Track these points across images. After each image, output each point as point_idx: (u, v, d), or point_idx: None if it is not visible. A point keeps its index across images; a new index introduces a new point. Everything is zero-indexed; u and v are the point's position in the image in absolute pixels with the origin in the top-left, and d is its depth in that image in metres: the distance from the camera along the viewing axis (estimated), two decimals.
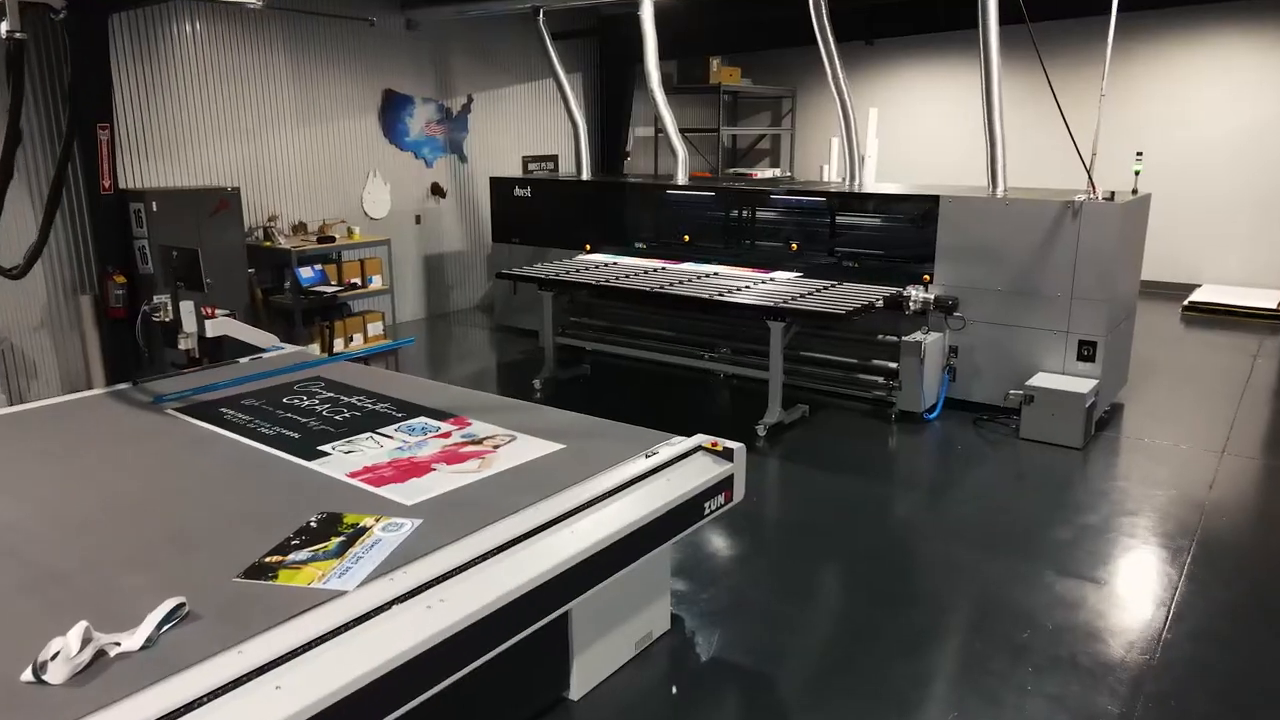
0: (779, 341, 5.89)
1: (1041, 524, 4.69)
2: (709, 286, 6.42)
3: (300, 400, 4.41)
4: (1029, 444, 5.81)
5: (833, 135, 12.40)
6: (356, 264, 8.08)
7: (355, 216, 8.78)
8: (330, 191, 8.59)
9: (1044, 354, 6.04)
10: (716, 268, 7.15)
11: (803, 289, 6.29)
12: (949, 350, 6.36)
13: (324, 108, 8.44)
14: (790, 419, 6.14)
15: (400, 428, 3.99)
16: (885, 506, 5.09)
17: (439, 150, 9.60)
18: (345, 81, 8.58)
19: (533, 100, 10.54)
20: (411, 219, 9.45)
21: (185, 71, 7.41)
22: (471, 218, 10.06)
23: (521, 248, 8.63)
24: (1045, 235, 5.91)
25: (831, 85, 6.99)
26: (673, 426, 4.00)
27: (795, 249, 7.00)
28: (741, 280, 6.66)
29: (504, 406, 4.46)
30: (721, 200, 7.42)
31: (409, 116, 9.21)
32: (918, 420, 6.23)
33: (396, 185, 9.21)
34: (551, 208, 8.42)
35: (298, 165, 8.28)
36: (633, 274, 6.94)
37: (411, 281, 9.57)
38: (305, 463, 3.59)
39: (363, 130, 8.81)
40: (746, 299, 6.04)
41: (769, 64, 12.76)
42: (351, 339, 8.11)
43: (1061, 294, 5.91)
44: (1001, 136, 6.28)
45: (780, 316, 5.83)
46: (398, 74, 9.04)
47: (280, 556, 2.77)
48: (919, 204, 6.44)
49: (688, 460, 3.70)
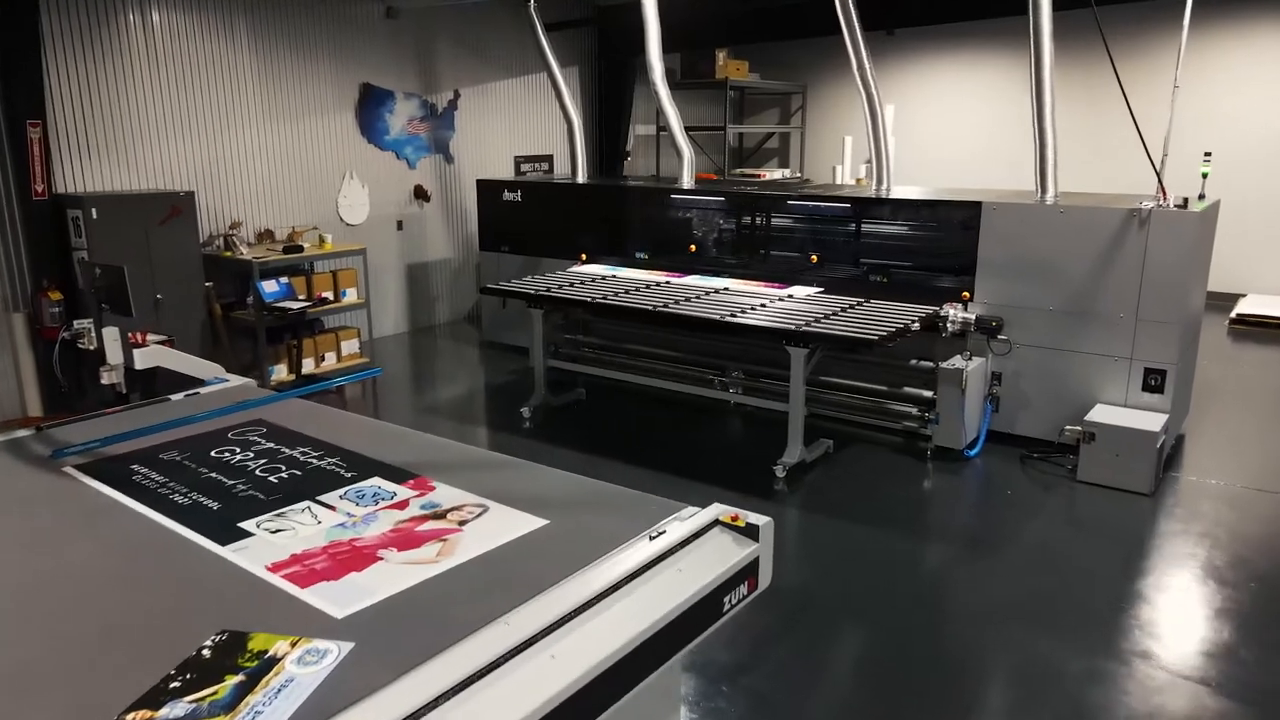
0: (801, 371, 5.14)
1: (1119, 596, 3.94)
2: (719, 305, 5.67)
3: (233, 453, 3.65)
4: (1088, 488, 5.06)
5: (845, 134, 11.68)
6: (328, 276, 7.32)
7: (330, 223, 8.03)
8: (301, 196, 7.83)
9: (1103, 383, 5.29)
10: (727, 282, 6.40)
11: (826, 308, 5.53)
12: (991, 378, 5.61)
13: (294, 103, 7.69)
14: (812, 456, 5.39)
15: (347, 494, 3.22)
16: (926, 570, 4.33)
17: (423, 150, 8.84)
18: (318, 74, 7.83)
19: (525, 96, 9.78)
20: (393, 225, 8.70)
21: (133, 62, 6.65)
22: (459, 223, 9.30)
23: (511, 257, 7.88)
24: (1106, 247, 5.15)
25: (856, 78, 6.24)
26: (678, 465, 3.22)
27: (815, 261, 6.25)
28: (755, 297, 5.91)
29: (476, 462, 3.69)
30: (732, 206, 6.67)
31: (389, 113, 8.45)
32: (956, 457, 5.48)
33: (376, 188, 8.45)
34: (544, 213, 7.67)
35: (264, 167, 7.53)
36: (633, 289, 6.19)
37: (393, 293, 8.82)
38: (218, 549, 2.82)
39: (338, 128, 8.06)
40: (762, 320, 5.29)
41: (778, 57, 12.01)
42: (323, 358, 7.36)
43: (1125, 315, 5.16)
44: (1053, 134, 5.53)
45: (803, 342, 5.07)
46: (376, 66, 8.29)
47: (148, 714, 2.01)
48: (958, 211, 5.69)
49: (702, 540, 2.94)
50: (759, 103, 12.82)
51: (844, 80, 12.18)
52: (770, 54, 11.92)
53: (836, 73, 11.89)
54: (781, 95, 12.59)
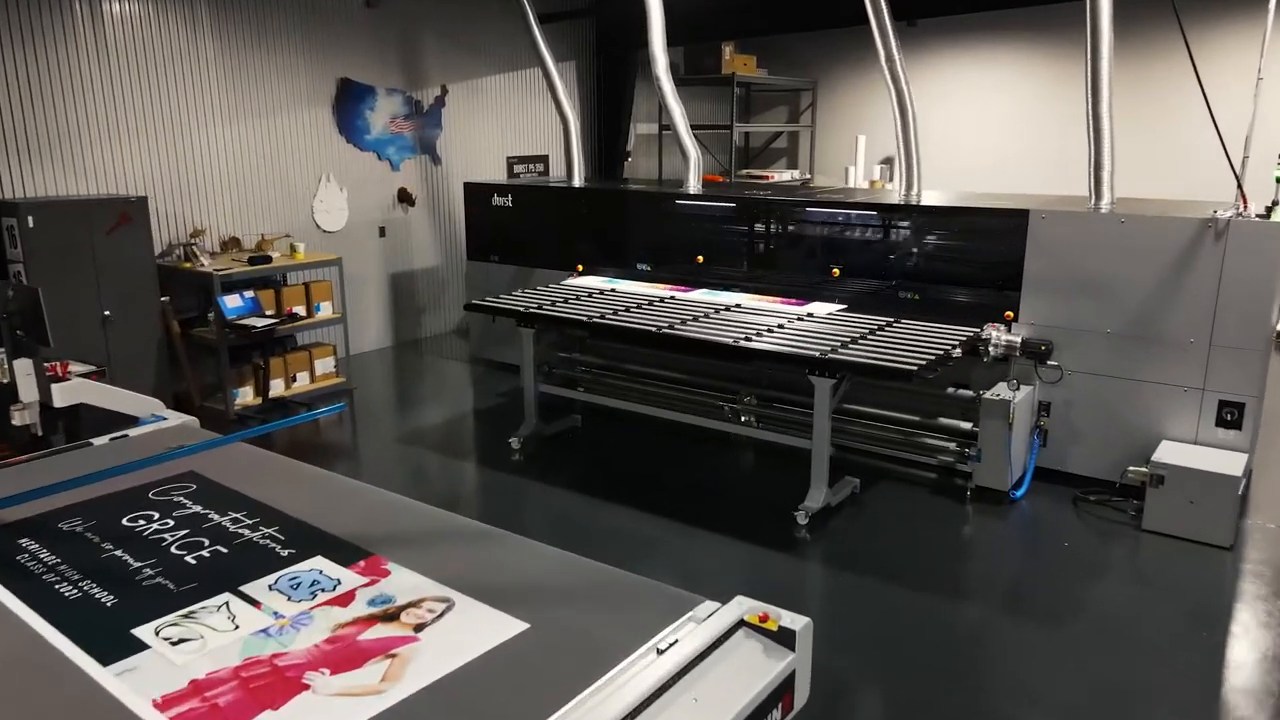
0: (826, 404, 4.50)
1: (1210, 679, 3.29)
2: (731, 325, 5.02)
3: (150, 519, 3.00)
4: (1156, 539, 4.41)
5: (858, 132, 11.05)
6: (300, 289, 6.68)
7: (305, 230, 7.39)
8: (272, 201, 7.19)
9: (1169, 417, 4.64)
10: (738, 297, 5.76)
11: (852, 329, 4.89)
12: (1039, 408, 4.97)
13: (263, 99, 7.04)
14: (837, 499, 4.75)
15: (279, 582, 2.57)
16: (973, 644, 3.67)
17: (407, 150, 8.20)
18: (290, 68, 7.18)
19: (518, 92, 9.13)
20: (375, 231, 8.05)
21: (80, 54, 6.00)
22: (446, 229, 8.66)
23: (501, 268, 7.24)
24: (1175, 262, 4.51)
25: (885, 72, 5.58)
26: (684, 508, 2.57)
27: (837, 274, 5.60)
28: (771, 315, 5.27)
29: (444, 533, 3.05)
30: (744, 212, 6.03)
31: (370, 110, 7.81)
32: (1000, 499, 4.83)
33: (356, 192, 7.81)
34: (537, 220, 7.02)
35: (230, 170, 6.89)
36: (634, 306, 5.54)
37: (375, 304, 8.17)
38: (97, 671, 2.16)
39: (313, 127, 7.42)
40: (781, 344, 4.64)
41: (787, 52, 11.36)
42: (294, 378, 6.71)
43: (1196, 340, 4.52)
44: (1110, 132, 4.88)
45: (829, 371, 4.43)
46: (356, 60, 7.64)
47: None
48: (1001, 219, 5.04)
49: (724, 652, 2.30)
50: (766, 100, 12.17)
51: (857, 76, 11.58)
52: (779, 48, 11.28)
53: (849, 67, 11.26)
54: (790, 92, 11.94)
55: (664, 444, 5.72)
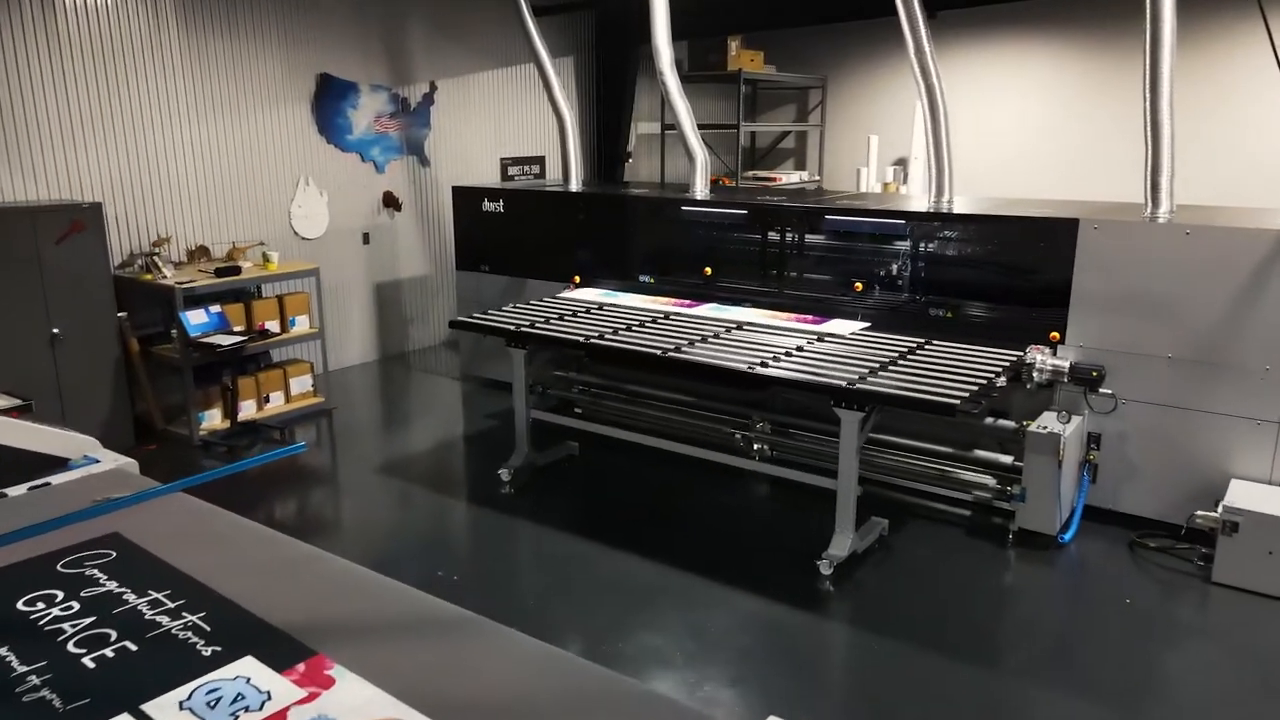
0: (854, 440, 3.97)
1: None
2: (743, 347, 4.50)
3: (52, 601, 2.46)
4: (1230, 594, 3.89)
5: (870, 132, 10.52)
6: (273, 302, 6.15)
7: (281, 237, 6.87)
8: (246, 206, 6.66)
9: (1240, 453, 4.12)
10: (750, 313, 5.24)
11: (878, 351, 4.37)
12: (1088, 441, 4.44)
13: (235, 96, 6.52)
14: (864, 544, 4.22)
15: (196, 696, 2.03)
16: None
17: (393, 151, 7.68)
18: (265, 62, 6.66)
19: (513, 89, 8.61)
20: (358, 238, 7.53)
21: (30, 45, 5.48)
22: (435, 235, 8.14)
23: (492, 278, 6.71)
24: (1247, 278, 3.99)
25: (914, 65, 5.03)
26: (693, 554, 2.08)
27: (860, 289, 5.08)
28: (787, 335, 4.75)
29: (407, 620, 2.53)
30: (757, 220, 5.50)
31: (352, 108, 7.28)
32: (1047, 543, 4.31)
33: (337, 196, 7.29)
34: (531, 227, 6.49)
35: (198, 173, 6.36)
36: (636, 323, 5.02)
37: (358, 316, 7.65)
38: None
39: (290, 126, 6.89)
40: (801, 371, 4.12)
41: (795, 48, 10.84)
42: (267, 399, 6.19)
43: (1272, 367, 3.99)
44: (1170, 132, 4.35)
45: (858, 403, 3.91)
46: (337, 54, 7.12)
47: None
48: (1047, 229, 4.51)
49: None
50: (773, 98, 11.64)
51: (868, 72, 11.04)
52: (787, 44, 10.76)
53: (860, 64, 10.73)
54: (798, 90, 11.41)
55: (669, 475, 5.19)
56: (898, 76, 10.47)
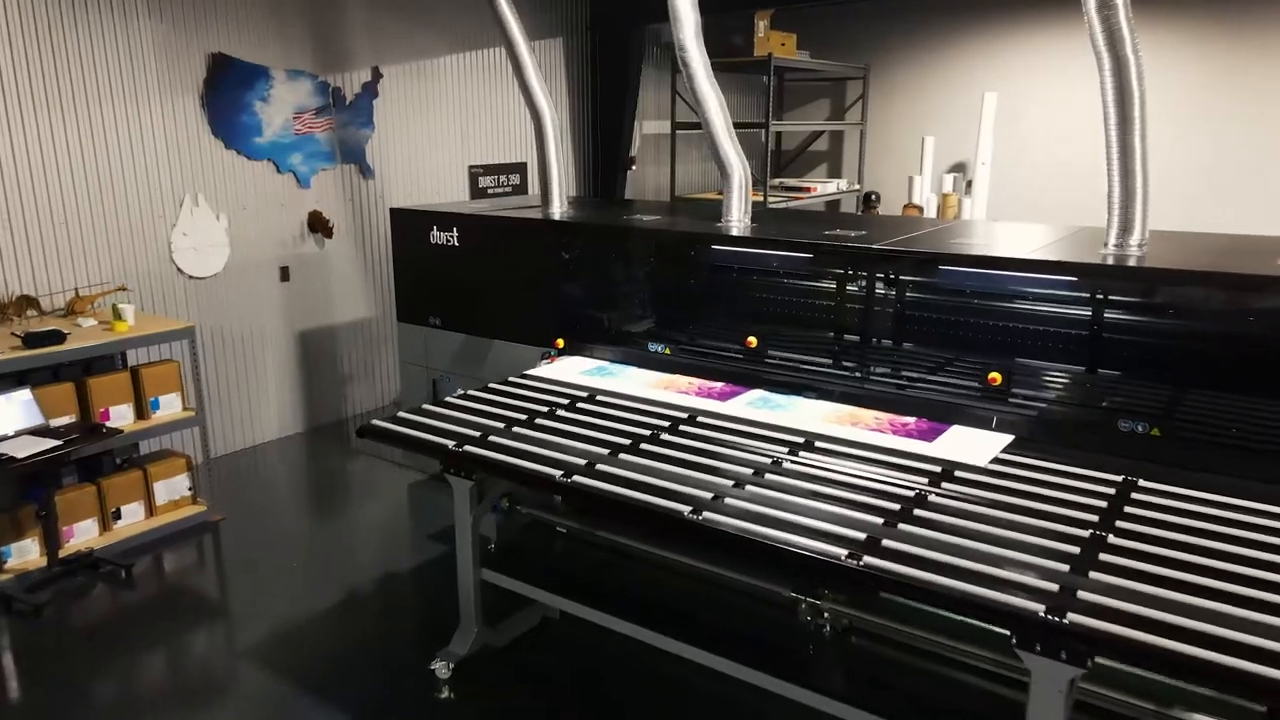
0: (1057, 711, 2.12)
1: None
2: (822, 492, 2.66)
3: None
4: None
5: (925, 133, 8.67)
6: (123, 377, 4.31)
7: (159, 277, 5.04)
8: (101, 237, 4.83)
9: None
10: (818, 412, 3.40)
11: (1053, 504, 2.52)
12: None
13: (87, 85, 4.68)
14: None
15: None
16: None
17: (321, 158, 5.83)
18: (130, 39, 4.82)
19: (486, 76, 6.77)
20: (273, 273, 5.69)
21: None
22: (381, 267, 6.30)
23: (445, 336, 4.86)
24: None
25: (1094, 21, 3.07)
26: None
27: (998, 382, 3.22)
28: (887, 462, 2.92)
29: None
30: (828, 268, 3.64)
31: (261, 101, 5.44)
32: None
33: (242, 219, 5.45)
34: (496, 267, 4.63)
35: (24, 192, 4.52)
36: (646, 433, 3.17)
37: (275, 376, 5.80)
38: None
39: (169, 125, 5.06)
40: (941, 566, 2.27)
41: (831, 30, 9.00)
42: (118, 515, 4.35)
43: None
44: None
45: (1071, 648, 2.06)
46: (237, 27, 5.28)
47: None
48: None
49: None
50: (802, 91, 9.79)
51: (920, 61, 9.14)
52: (823, 25, 8.92)
53: (911, 50, 8.89)
54: (834, 82, 9.56)
55: (689, 668, 3.31)
56: (957, 65, 8.64)
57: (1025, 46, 8.25)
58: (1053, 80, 8.10)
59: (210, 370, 5.37)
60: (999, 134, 8.00)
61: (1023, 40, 8.26)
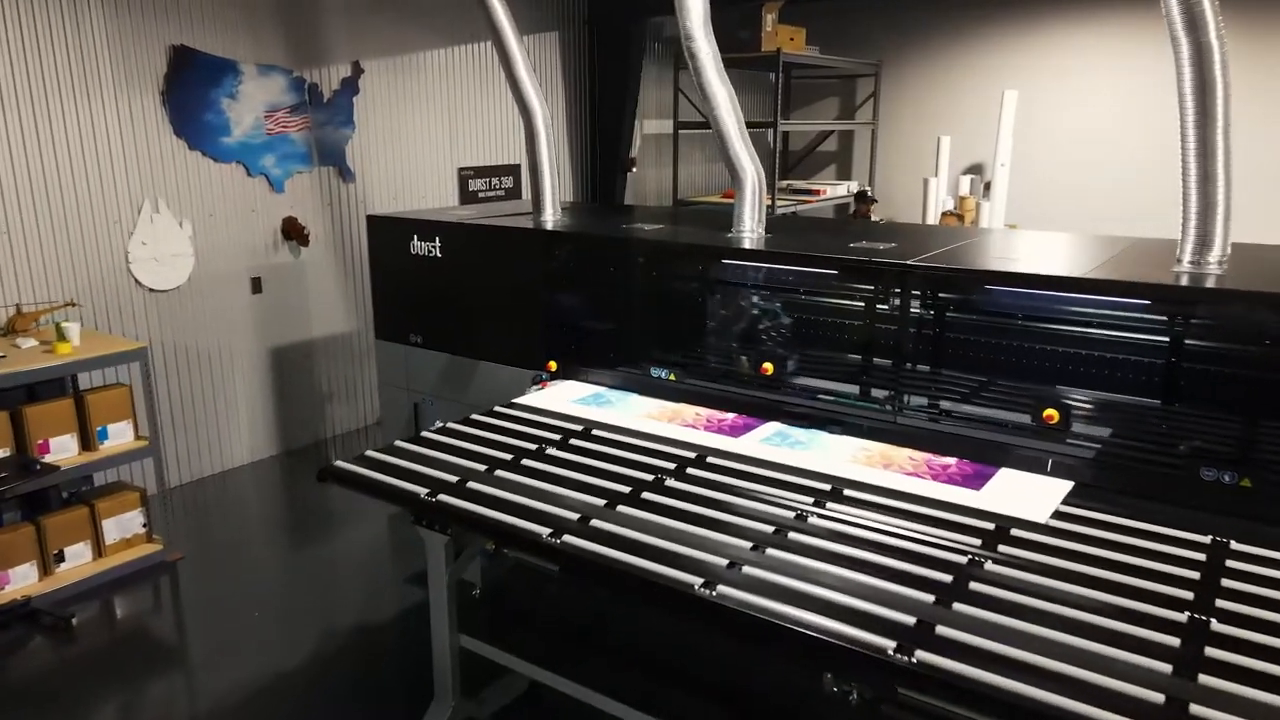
0: None
1: None
2: (857, 555, 2.24)
3: None
4: None
5: (941, 132, 8.24)
6: (65, 405, 3.88)
7: (114, 291, 4.61)
8: (47, 247, 4.39)
9: None
10: (845, 449, 2.97)
11: (1138, 576, 2.10)
12: None
13: (32, 80, 4.26)
14: None
15: None
16: None
17: (296, 160, 5.41)
18: (81, 28, 4.39)
19: (477, 72, 6.34)
20: (243, 285, 5.26)
21: None
22: (362, 277, 5.88)
23: (427, 356, 4.42)
24: None
25: (1178, 19, 2.62)
26: None
27: (1055, 420, 2.79)
28: (919, 504, 2.50)
29: None
30: (854, 283, 3.21)
31: (228, 98, 5.02)
32: None
33: (209, 226, 5.02)
34: (482, 280, 4.20)
35: None
36: (649, 476, 2.75)
37: (246, 395, 5.37)
38: None
39: (126, 123, 4.63)
40: (1013, 668, 1.84)
41: (841, 25, 8.57)
42: (60, 559, 3.92)
43: None
44: None
45: None
46: (201, 18, 4.85)
47: None
48: None
49: None
50: (810, 89, 9.37)
51: (934, 57, 8.69)
52: (832, 19, 8.49)
53: (926, 46, 8.47)
54: (844, 79, 9.14)
55: None
56: (975, 60, 8.22)
57: (1048, 41, 7.82)
58: (1077, 77, 7.68)
59: (173, 391, 4.94)
60: (1019, 134, 7.57)
61: (1045, 35, 7.83)
